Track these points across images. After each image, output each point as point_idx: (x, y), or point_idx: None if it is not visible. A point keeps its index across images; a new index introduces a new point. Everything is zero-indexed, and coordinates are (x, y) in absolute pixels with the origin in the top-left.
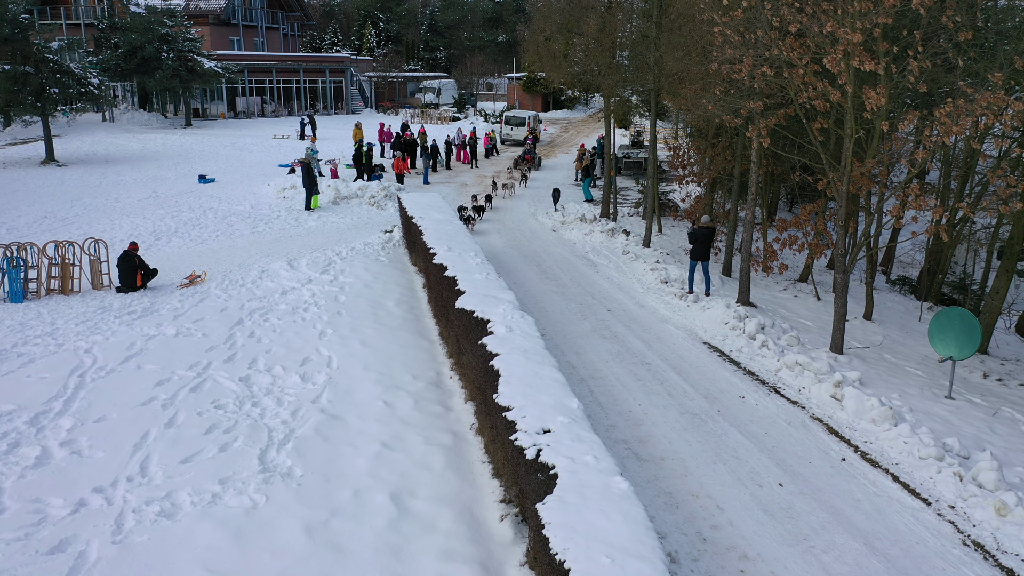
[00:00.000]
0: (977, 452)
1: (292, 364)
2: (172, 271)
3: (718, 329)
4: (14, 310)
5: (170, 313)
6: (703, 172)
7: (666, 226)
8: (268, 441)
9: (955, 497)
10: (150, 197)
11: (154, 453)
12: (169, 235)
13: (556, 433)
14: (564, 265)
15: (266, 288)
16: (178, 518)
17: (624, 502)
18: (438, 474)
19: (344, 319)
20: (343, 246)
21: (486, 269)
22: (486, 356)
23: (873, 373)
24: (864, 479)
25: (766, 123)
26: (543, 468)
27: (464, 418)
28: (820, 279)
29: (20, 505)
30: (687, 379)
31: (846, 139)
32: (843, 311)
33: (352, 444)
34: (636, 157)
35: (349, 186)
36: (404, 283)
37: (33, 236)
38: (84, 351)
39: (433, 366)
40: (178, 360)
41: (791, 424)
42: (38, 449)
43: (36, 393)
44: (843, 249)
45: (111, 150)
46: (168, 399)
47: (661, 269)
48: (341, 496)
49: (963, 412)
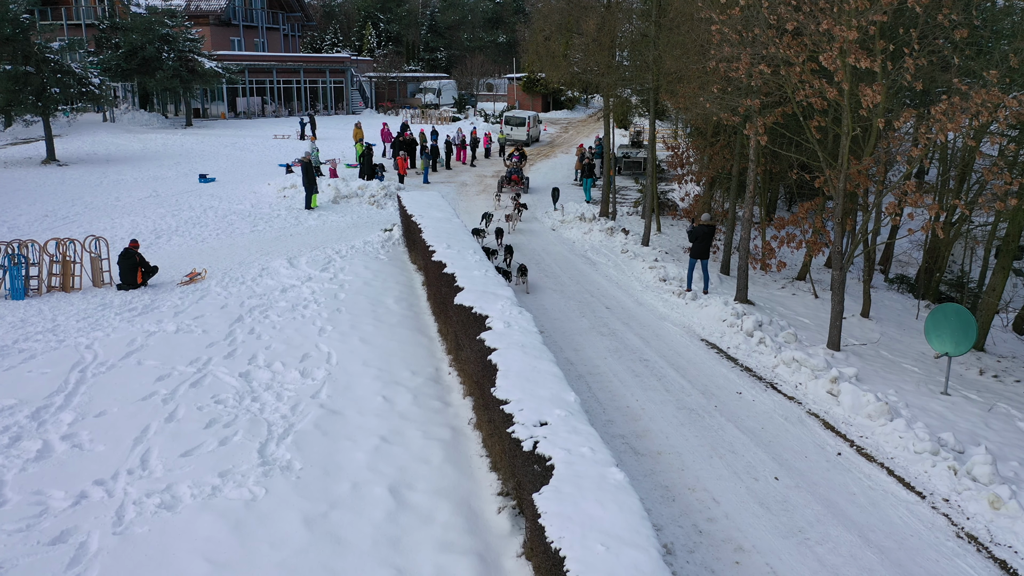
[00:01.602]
0: (972, 447)
1: (292, 360)
2: (172, 269)
3: (716, 326)
4: (15, 307)
5: (170, 310)
6: (702, 171)
7: (665, 225)
8: (268, 435)
9: (949, 490)
10: (151, 196)
11: (154, 447)
12: (170, 233)
13: (553, 426)
14: (563, 263)
15: (266, 285)
16: (178, 510)
17: (620, 492)
18: (436, 467)
19: (344, 316)
20: (343, 244)
21: (485, 266)
22: (484, 351)
23: (870, 369)
24: (859, 473)
25: (764, 121)
26: (540, 460)
27: (463, 413)
28: (818, 277)
29: (21, 497)
30: (685, 375)
31: (843, 137)
32: (840, 308)
33: (351, 438)
34: (635, 157)
35: (349, 185)
36: (403, 281)
37: (34, 234)
38: (85, 347)
39: (432, 362)
40: (178, 356)
41: (787, 419)
42: (39, 442)
43: (37, 388)
44: (840, 247)
45: (112, 150)
46: (168, 394)
47: (660, 267)
48: (340, 489)
49: (959, 408)
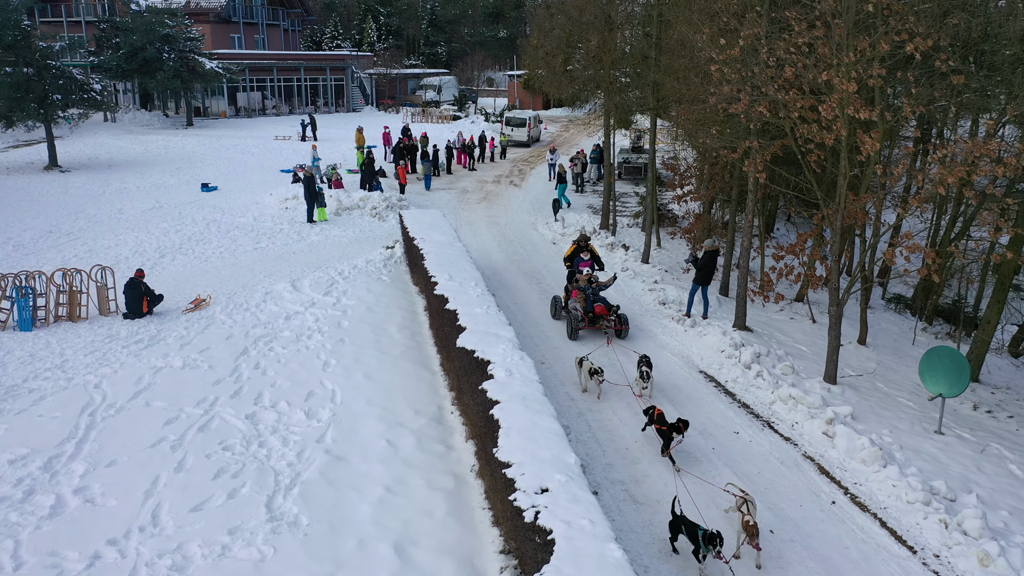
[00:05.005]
0: (964, 494)
1: (297, 399)
2: (177, 293)
3: (714, 357)
4: (23, 339)
5: (176, 342)
6: (701, 192)
7: (665, 240)
8: (275, 486)
9: (940, 545)
10: (153, 208)
11: (164, 501)
12: (173, 252)
13: (554, 493)
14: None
15: (270, 312)
16: (189, 572)
17: (619, 573)
18: (440, 521)
19: (347, 348)
20: (345, 264)
21: (487, 302)
22: (487, 404)
23: (865, 405)
24: (853, 524)
25: (763, 157)
26: (540, 531)
27: (464, 458)
28: (816, 299)
29: (37, 559)
30: (683, 412)
31: (840, 178)
32: (837, 343)
33: (356, 488)
34: (636, 162)
35: (351, 196)
36: (406, 305)
37: (39, 252)
38: (94, 386)
39: (435, 400)
40: (185, 396)
41: (783, 463)
42: (52, 497)
43: (48, 434)
44: (837, 284)
45: (113, 153)
46: (177, 440)
47: (659, 290)
48: (346, 547)
49: (952, 449)
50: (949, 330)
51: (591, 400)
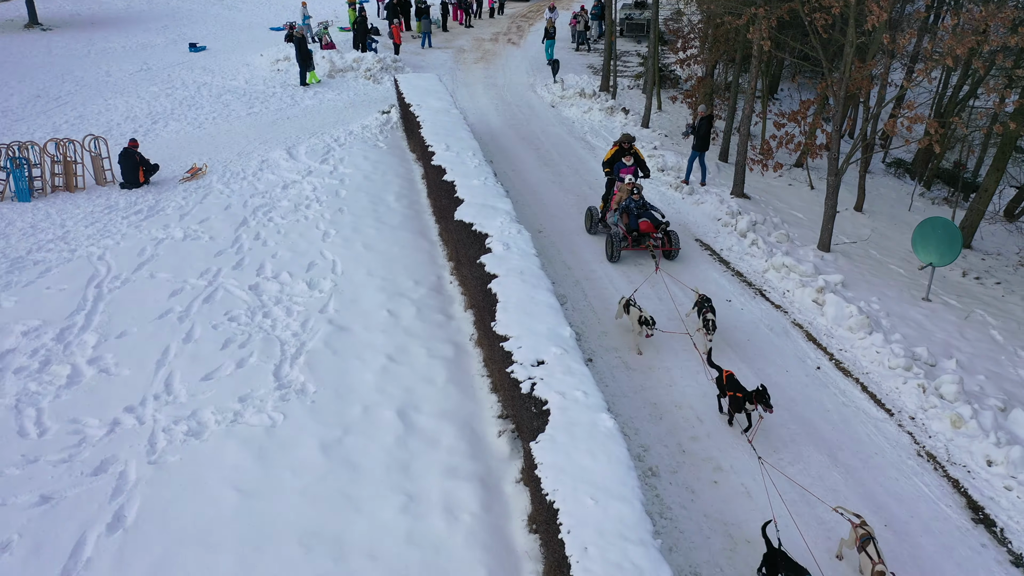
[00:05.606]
0: (944, 360)
1: (298, 270)
2: (173, 162)
3: (710, 226)
4: (23, 209)
5: (175, 212)
6: (704, 56)
7: (666, 103)
8: (281, 356)
9: (916, 408)
10: (141, 71)
11: (176, 370)
12: (165, 118)
13: (549, 365)
14: (562, 149)
15: (267, 181)
16: (205, 437)
17: (609, 441)
18: (440, 388)
19: (346, 217)
20: (340, 129)
21: (484, 172)
22: (485, 277)
23: (856, 273)
24: (835, 388)
25: (768, 23)
26: (536, 402)
27: (464, 327)
28: (815, 165)
29: (60, 426)
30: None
31: (847, 45)
32: (833, 212)
33: (360, 357)
34: (639, 19)
35: (344, 58)
36: (403, 173)
37: (28, 118)
38: (97, 258)
39: (434, 270)
40: (188, 267)
41: (772, 330)
42: (68, 367)
43: (57, 306)
44: (836, 155)
45: (95, 9)
46: (183, 311)
47: (658, 156)
48: (352, 412)
49: (937, 316)
50: (947, 195)
51: (587, 269)
